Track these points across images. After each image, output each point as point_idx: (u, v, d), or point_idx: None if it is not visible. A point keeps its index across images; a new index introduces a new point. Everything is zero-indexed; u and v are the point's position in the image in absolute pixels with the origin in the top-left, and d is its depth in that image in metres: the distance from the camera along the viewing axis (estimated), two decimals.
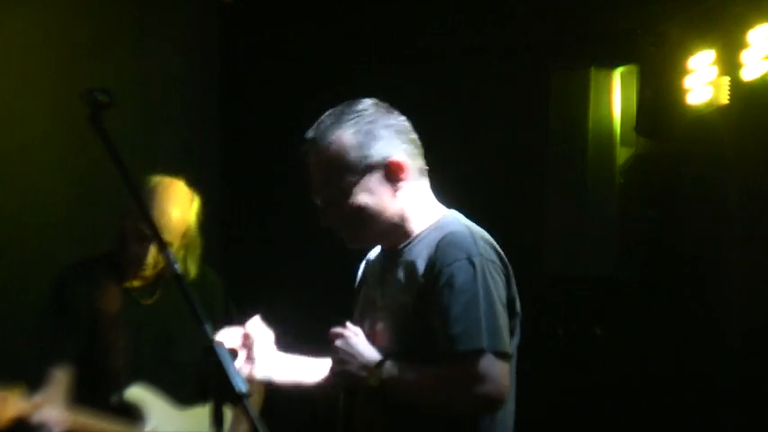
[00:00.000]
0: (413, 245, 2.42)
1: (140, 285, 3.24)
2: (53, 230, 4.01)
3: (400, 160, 2.40)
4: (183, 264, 3.20)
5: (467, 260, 2.28)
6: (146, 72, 4.57)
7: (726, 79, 3.81)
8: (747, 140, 3.87)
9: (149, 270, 3.19)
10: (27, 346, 3.22)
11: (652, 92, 4.10)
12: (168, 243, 3.10)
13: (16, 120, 3.92)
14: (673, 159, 4.24)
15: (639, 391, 4.17)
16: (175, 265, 1.95)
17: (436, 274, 2.30)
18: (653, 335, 4.17)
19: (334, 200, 2.40)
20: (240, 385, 1.78)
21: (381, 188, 2.42)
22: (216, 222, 4.26)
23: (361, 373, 2.31)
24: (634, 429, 4.17)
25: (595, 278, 4.36)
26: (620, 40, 4.25)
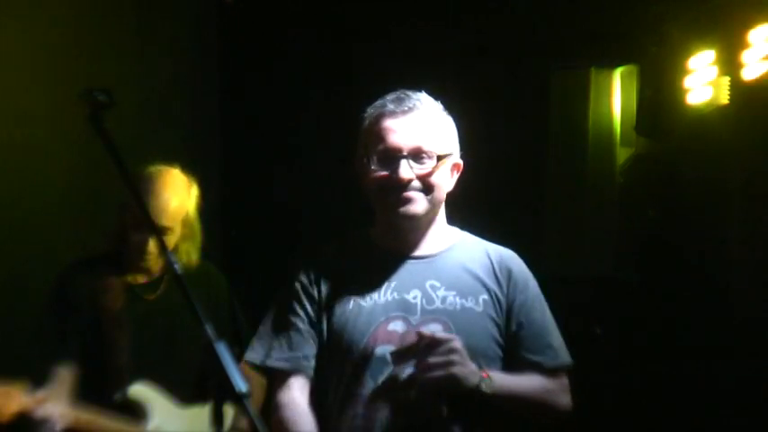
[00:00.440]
0: (451, 250, 2.46)
1: (144, 281, 3.23)
2: (54, 230, 4.01)
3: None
4: (185, 254, 3.19)
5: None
6: (146, 72, 4.57)
7: (726, 79, 3.82)
8: (747, 140, 3.86)
9: (152, 261, 3.18)
10: (29, 345, 3.21)
11: (652, 92, 4.11)
12: (168, 229, 3.12)
13: (16, 119, 3.91)
14: (673, 159, 4.24)
15: (639, 391, 4.17)
16: (175, 265, 1.95)
17: (521, 285, 2.42)
18: (653, 335, 4.17)
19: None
20: (240, 385, 1.78)
21: (452, 180, 2.48)
22: (216, 222, 4.26)
23: (471, 379, 2.26)
24: (634, 429, 4.17)
25: (595, 278, 4.36)
26: (620, 40, 4.25)
